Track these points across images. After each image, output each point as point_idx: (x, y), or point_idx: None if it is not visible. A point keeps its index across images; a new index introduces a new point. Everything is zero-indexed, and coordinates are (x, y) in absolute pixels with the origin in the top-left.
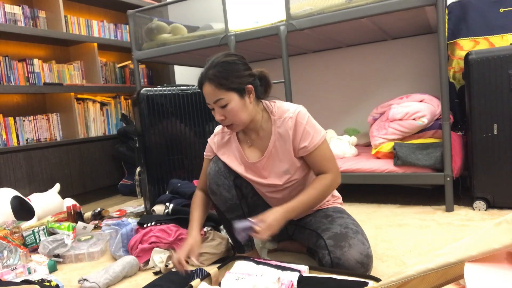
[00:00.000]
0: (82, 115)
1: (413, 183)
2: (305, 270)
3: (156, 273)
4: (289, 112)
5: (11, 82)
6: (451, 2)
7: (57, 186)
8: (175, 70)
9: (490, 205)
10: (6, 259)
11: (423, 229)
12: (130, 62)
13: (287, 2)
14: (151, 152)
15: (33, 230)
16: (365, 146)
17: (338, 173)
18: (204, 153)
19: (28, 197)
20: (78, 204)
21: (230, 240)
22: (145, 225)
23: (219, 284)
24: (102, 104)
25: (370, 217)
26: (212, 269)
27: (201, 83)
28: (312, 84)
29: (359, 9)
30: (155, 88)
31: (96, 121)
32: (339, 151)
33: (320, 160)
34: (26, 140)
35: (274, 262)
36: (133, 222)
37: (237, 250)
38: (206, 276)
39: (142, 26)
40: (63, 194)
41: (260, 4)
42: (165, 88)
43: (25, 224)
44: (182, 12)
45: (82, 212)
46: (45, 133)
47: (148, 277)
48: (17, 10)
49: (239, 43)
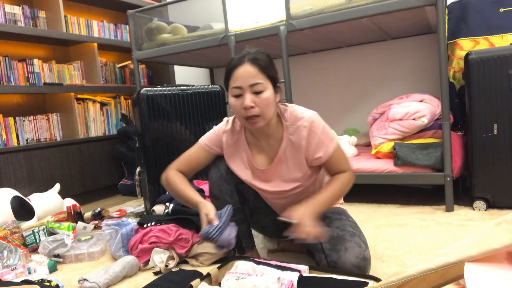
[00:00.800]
0: (82, 115)
1: (413, 183)
2: (305, 270)
3: (156, 273)
4: (303, 120)
5: (11, 82)
6: (451, 2)
7: (57, 186)
8: (175, 70)
9: (490, 205)
10: (6, 259)
11: (423, 229)
12: (130, 62)
13: (287, 2)
14: (151, 152)
15: (33, 230)
16: (365, 146)
17: (353, 170)
18: (204, 141)
19: (28, 197)
20: (78, 204)
21: None
22: (145, 225)
23: (219, 284)
24: (102, 104)
25: (370, 217)
26: (212, 269)
27: (238, 64)
28: (312, 84)
29: (359, 9)
30: (155, 88)
31: (96, 121)
32: None
33: (335, 164)
34: (26, 140)
35: (274, 262)
36: (133, 222)
37: (237, 250)
38: (206, 276)
39: (142, 26)
40: (63, 194)
41: (260, 4)
42: (165, 88)
43: (25, 224)
44: (182, 12)
45: (82, 212)
46: (45, 133)
47: (148, 277)
48: (17, 10)
49: (239, 43)
